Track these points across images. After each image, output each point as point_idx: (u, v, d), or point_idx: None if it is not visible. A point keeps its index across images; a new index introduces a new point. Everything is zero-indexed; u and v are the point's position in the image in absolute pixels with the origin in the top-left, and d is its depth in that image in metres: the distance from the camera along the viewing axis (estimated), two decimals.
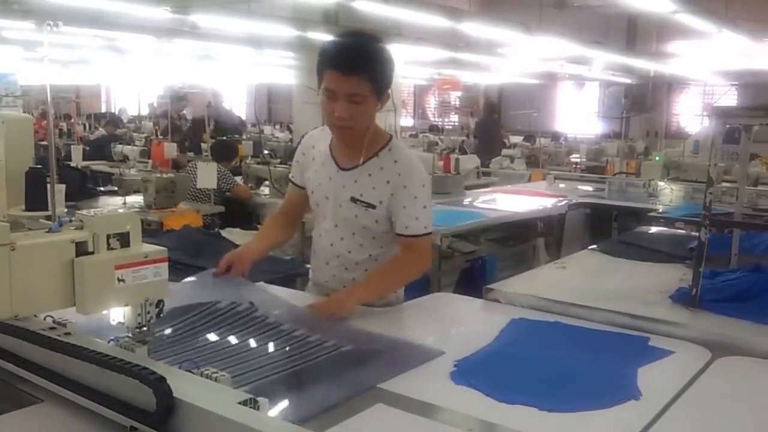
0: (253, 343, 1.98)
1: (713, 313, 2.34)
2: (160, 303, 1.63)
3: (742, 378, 1.89)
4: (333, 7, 8.44)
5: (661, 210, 5.15)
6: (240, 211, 6.17)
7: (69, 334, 1.60)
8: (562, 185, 6.72)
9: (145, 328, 1.59)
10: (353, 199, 2.33)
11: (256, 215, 6.18)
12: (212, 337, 2.03)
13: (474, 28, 8.90)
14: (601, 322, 2.27)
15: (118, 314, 1.64)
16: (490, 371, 1.81)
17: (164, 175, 5.54)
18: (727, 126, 2.73)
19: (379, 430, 1.53)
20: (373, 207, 2.31)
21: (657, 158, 6.69)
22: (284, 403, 1.60)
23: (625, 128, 12.10)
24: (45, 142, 4.74)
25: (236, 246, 3.22)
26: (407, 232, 2.31)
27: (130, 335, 1.58)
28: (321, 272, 2.50)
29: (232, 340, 2.00)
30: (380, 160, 2.33)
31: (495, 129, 12.01)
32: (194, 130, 10.62)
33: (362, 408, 1.57)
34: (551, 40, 9.07)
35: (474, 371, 1.80)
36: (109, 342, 1.58)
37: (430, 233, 2.38)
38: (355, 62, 2.16)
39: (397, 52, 8.47)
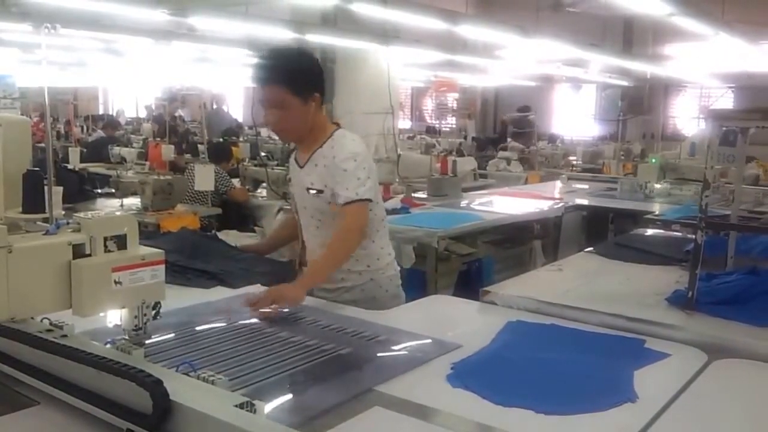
0: (251, 346, 1.98)
1: (709, 316, 2.34)
2: (156, 305, 1.63)
3: (739, 380, 1.90)
4: (331, 10, 8.43)
5: (657, 212, 5.16)
6: (237, 213, 6.17)
7: (66, 336, 1.60)
8: (560, 185, 6.74)
9: (141, 331, 1.59)
10: (308, 189, 2.60)
11: (253, 217, 6.18)
12: (211, 340, 2.03)
13: (471, 30, 8.92)
14: (597, 325, 2.28)
15: (115, 316, 1.64)
16: (486, 374, 1.82)
17: (161, 177, 5.54)
18: (724, 128, 2.74)
19: None
20: (321, 192, 2.56)
21: (653, 160, 6.71)
22: (283, 405, 1.60)
23: (621, 130, 12.11)
24: (42, 144, 4.74)
25: (233, 248, 3.23)
26: (339, 201, 2.51)
27: (127, 337, 1.58)
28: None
29: (231, 343, 2.00)
30: (323, 150, 2.58)
31: (530, 125, 13.54)
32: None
33: (359, 411, 1.58)
34: (548, 42, 9.07)
35: (470, 374, 1.80)
36: (106, 344, 1.58)
37: (363, 200, 2.51)
38: (265, 74, 2.48)
39: (395, 54, 8.50)
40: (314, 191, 2.58)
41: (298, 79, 2.48)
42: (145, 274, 1.58)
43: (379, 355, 1.97)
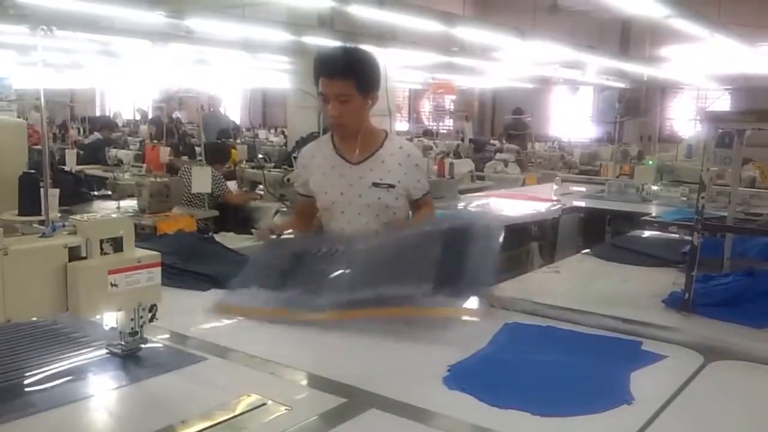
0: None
1: (706, 318, 2.34)
2: (153, 307, 1.63)
3: (735, 382, 1.90)
4: (328, 12, 8.44)
5: (654, 214, 5.16)
6: (234, 216, 6.16)
7: None
8: (556, 187, 6.74)
9: (138, 335, 1.59)
10: (375, 184, 2.70)
11: (250, 220, 6.16)
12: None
13: (468, 32, 8.93)
14: (594, 327, 2.28)
15: (111, 319, 1.64)
16: (483, 376, 1.82)
17: (158, 179, 5.53)
18: (720, 130, 2.74)
19: None
20: (393, 186, 2.71)
21: (650, 162, 6.72)
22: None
23: (618, 132, 12.12)
24: (39, 147, 4.73)
25: (230, 250, 3.23)
26: (420, 194, 2.81)
27: (123, 342, 1.58)
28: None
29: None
30: (387, 150, 2.75)
31: (523, 126, 13.94)
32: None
33: (356, 413, 1.58)
34: (545, 44, 9.08)
35: (467, 376, 1.80)
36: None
37: None
38: (337, 67, 2.57)
39: (392, 56, 8.50)
40: (385, 186, 2.71)
41: (365, 77, 2.61)
42: (142, 276, 1.58)
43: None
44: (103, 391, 1.64)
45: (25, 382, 1.63)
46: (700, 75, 14.07)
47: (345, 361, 1.97)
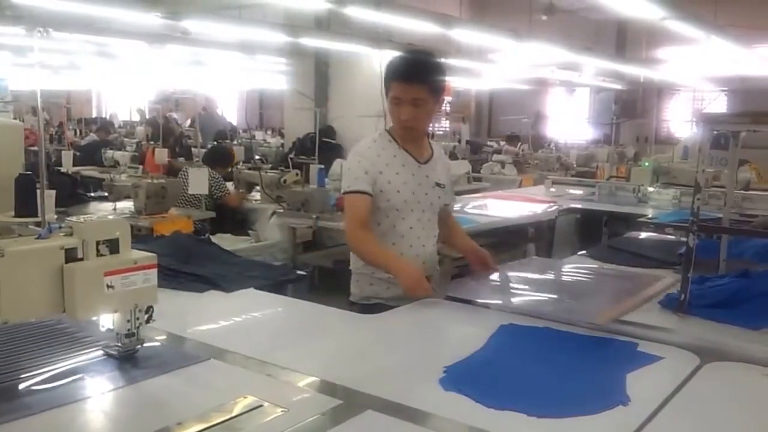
0: None
1: (702, 319, 2.35)
2: (149, 309, 1.63)
3: (731, 383, 1.90)
4: (324, 14, 8.45)
5: (650, 215, 5.17)
6: (231, 217, 6.16)
7: None
8: (552, 189, 6.75)
9: (134, 337, 1.59)
10: (437, 184, 2.84)
11: (247, 221, 6.16)
12: None
13: (465, 34, 8.95)
14: (589, 328, 2.28)
15: (107, 320, 1.64)
16: (479, 377, 1.82)
17: (155, 181, 5.53)
18: (715, 132, 2.75)
19: None
20: (444, 186, 2.89)
21: (646, 164, 6.74)
22: None
23: (615, 134, 12.14)
24: (35, 148, 4.72)
25: (227, 252, 3.23)
26: (450, 200, 3.05)
27: (120, 343, 1.58)
28: (408, 259, 2.76)
29: None
30: (437, 150, 2.94)
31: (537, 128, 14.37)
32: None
33: (352, 414, 1.58)
34: (541, 46, 9.10)
35: (463, 377, 1.80)
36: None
37: None
38: (414, 73, 2.63)
39: (388, 58, 8.50)
40: (442, 185, 2.87)
41: (437, 82, 2.68)
42: (138, 278, 1.58)
43: None
44: (100, 393, 1.64)
45: (22, 383, 1.63)
46: (696, 77, 14.10)
47: (341, 362, 1.97)
